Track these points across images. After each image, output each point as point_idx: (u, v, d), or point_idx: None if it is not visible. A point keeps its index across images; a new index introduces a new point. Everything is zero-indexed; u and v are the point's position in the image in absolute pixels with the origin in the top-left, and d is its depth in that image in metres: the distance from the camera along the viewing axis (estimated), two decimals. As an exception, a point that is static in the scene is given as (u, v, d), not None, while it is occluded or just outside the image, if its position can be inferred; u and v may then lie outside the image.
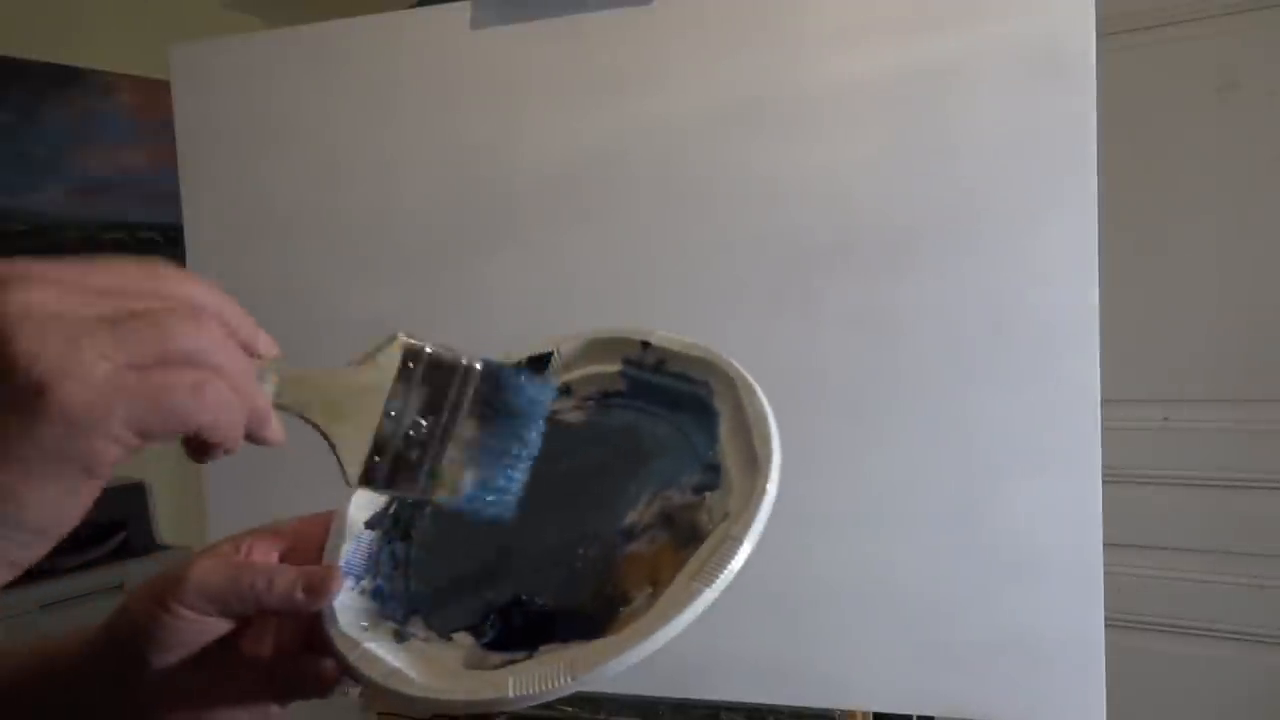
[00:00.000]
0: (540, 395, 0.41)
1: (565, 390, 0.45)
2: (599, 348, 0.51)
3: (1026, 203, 0.88)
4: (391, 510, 0.48)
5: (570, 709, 1.07)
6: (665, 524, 0.44)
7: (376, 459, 0.37)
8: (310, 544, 0.45)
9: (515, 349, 0.53)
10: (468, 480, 0.40)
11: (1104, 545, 0.86)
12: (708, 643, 0.96)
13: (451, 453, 0.39)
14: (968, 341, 0.90)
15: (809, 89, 0.93)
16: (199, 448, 0.31)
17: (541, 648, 0.40)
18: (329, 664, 0.42)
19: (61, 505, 0.28)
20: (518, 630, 0.42)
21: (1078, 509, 0.87)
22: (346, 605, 0.42)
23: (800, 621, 0.94)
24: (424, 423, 0.38)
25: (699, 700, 1.01)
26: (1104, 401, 0.86)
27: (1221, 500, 1.79)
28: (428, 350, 0.38)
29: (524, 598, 0.43)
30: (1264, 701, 1.78)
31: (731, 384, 0.46)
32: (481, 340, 0.55)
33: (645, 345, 0.50)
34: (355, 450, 0.37)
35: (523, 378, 0.41)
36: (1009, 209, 0.88)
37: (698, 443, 0.46)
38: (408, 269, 1.05)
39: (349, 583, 0.43)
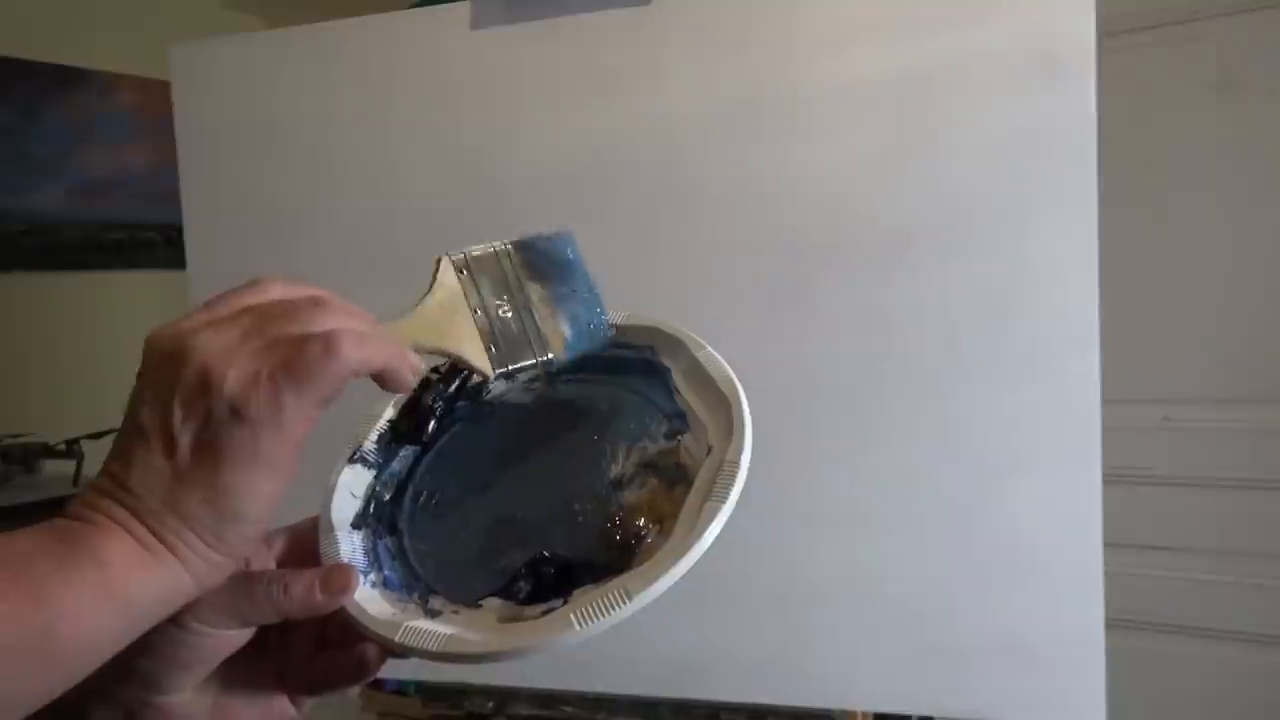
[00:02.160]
0: (562, 240, 0.49)
1: (508, 375, 0.47)
2: None
3: (1027, 202, 0.88)
4: (371, 509, 0.48)
5: (570, 709, 1.07)
6: (649, 470, 0.47)
7: (493, 349, 0.44)
8: (301, 551, 0.45)
9: None
10: (566, 329, 0.46)
11: (1104, 545, 0.86)
12: (708, 643, 0.96)
13: (540, 314, 0.46)
14: (968, 341, 0.90)
15: (808, 88, 0.93)
16: (380, 383, 0.38)
17: (575, 592, 0.42)
18: (369, 649, 0.43)
19: (269, 494, 0.35)
20: (548, 583, 0.44)
21: (1078, 509, 0.87)
22: (365, 599, 0.43)
23: (800, 621, 0.94)
24: (503, 304, 0.45)
25: (699, 700, 1.01)
26: (1104, 401, 0.86)
27: (1222, 500, 1.78)
28: (470, 253, 0.46)
29: (545, 554, 0.45)
30: (1265, 702, 1.78)
31: (677, 341, 0.50)
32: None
33: None
34: (475, 352, 0.43)
35: (542, 237, 0.49)
36: (1009, 209, 0.88)
37: (654, 397, 0.50)
38: (407, 269, 1.04)
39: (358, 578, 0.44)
